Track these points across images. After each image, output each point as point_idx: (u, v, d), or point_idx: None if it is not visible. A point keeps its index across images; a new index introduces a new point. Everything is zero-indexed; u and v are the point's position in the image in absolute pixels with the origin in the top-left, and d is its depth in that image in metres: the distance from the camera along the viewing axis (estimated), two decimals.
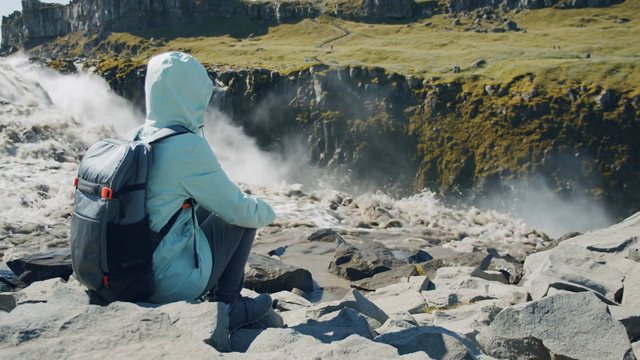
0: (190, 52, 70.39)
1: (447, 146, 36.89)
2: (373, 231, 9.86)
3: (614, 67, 35.62)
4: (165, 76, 2.06)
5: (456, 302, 3.40)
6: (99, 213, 1.87)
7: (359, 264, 5.39)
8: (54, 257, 4.43)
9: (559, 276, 3.01)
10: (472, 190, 33.84)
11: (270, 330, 1.77)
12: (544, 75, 36.37)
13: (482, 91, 37.74)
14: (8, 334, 1.32)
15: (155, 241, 2.00)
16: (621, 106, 32.83)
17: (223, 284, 2.33)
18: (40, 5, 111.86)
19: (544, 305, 2.02)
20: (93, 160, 1.99)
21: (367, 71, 42.33)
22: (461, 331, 2.30)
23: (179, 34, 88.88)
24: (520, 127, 34.61)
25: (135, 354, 1.32)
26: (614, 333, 1.87)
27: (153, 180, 1.97)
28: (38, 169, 13.43)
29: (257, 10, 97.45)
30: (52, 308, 1.50)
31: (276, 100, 43.13)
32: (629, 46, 45.94)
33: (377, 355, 1.45)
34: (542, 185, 31.93)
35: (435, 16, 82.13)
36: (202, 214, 2.36)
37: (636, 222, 4.56)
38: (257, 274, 4.50)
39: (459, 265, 5.02)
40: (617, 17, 66.90)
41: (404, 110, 39.62)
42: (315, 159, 39.75)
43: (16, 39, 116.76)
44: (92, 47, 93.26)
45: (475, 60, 43.94)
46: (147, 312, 1.54)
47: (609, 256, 3.56)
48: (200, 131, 2.21)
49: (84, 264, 1.95)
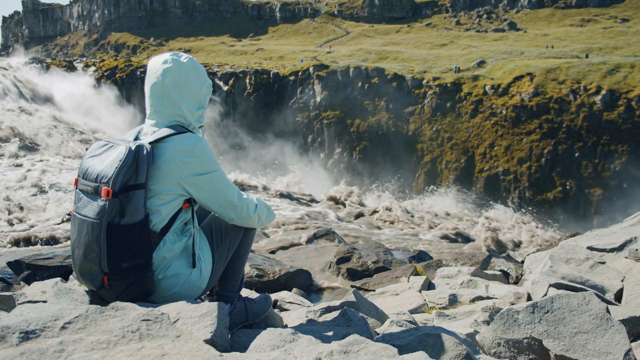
0: (190, 52, 70.40)
1: (447, 146, 36.87)
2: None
3: (614, 67, 35.60)
4: (165, 76, 2.06)
5: (456, 302, 3.40)
6: (99, 213, 1.87)
7: (359, 264, 5.39)
8: (54, 257, 4.43)
9: (559, 276, 3.01)
10: (472, 190, 33.81)
11: (270, 330, 1.76)
12: (544, 75, 36.35)
13: (482, 91, 37.72)
14: (8, 334, 1.31)
15: (155, 241, 2.00)
16: (621, 106, 32.81)
17: (223, 284, 2.33)
18: (40, 5, 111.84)
19: (544, 305, 2.02)
20: (93, 160, 1.98)
21: (367, 71, 42.30)
22: (461, 331, 2.30)
23: (179, 34, 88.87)
24: (520, 127, 34.59)
25: (135, 354, 1.32)
26: (613, 333, 1.87)
27: (153, 180, 1.97)
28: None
29: (257, 10, 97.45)
30: (52, 308, 1.50)
31: (276, 100, 43.11)
32: (629, 46, 45.92)
33: (377, 355, 1.45)
34: (542, 185, 31.90)
35: (436, 16, 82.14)
36: (202, 214, 2.36)
37: (636, 222, 4.56)
38: (257, 274, 4.50)
39: (459, 265, 5.02)
40: (617, 17, 66.91)
41: (404, 110, 39.61)
42: (315, 159, 39.72)
43: (16, 39, 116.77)
44: (92, 47, 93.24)
45: (475, 60, 43.92)
46: (147, 312, 1.54)
47: (609, 256, 3.56)
48: (200, 131, 2.21)
49: (84, 264, 1.95)
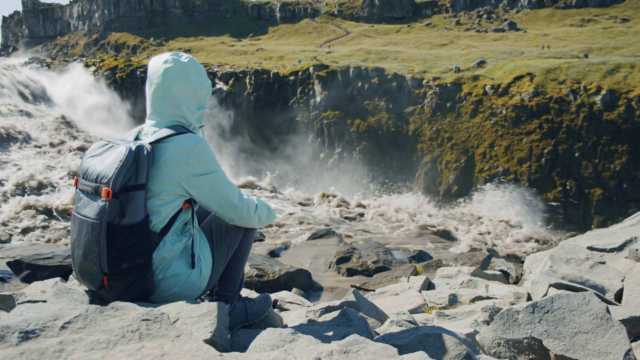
0: (190, 52, 70.35)
1: (447, 146, 36.86)
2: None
3: (614, 67, 35.60)
4: (166, 76, 2.06)
5: (456, 302, 3.40)
6: (99, 213, 1.87)
7: (359, 264, 5.39)
8: (54, 257, 4.43)
9: (559, 276, 3.00)
10: (472, 190, 33.81)
11: (270, 330, 1.76)
12: (544, 75, 36.35)
13: (482, 91, 37.71)
14: (8, 333, 1.31)
15: (155, 241, 1.99)
16: (621, 106, 32.80)
17: (223, 284, 2.33)
18: (40, 5, 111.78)
19: (544, 305, 2.02)
20: (93, 160, 1.98)
21: (367, 71, 42.30)
22: (461, 331, 2.30)
23: (179, 33, 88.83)
24: (520, 127, 34.58)
25: (135, 354, 1.32)
26: (614, 333, 1.87)
27: (153, 180, 1.96)
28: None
29: (257, 10, 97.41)
30: (52, 308, 1.50)
31: (276, 100, 43.10)
32: (629, 46, 45.91)
33: (377, 355, 1.45)
34: (542, 185, 31.90)
35: (436, 16, 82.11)
36: (202, 214, 2.36)
37: (636, 222, 4.56)
38: (257, 274, 4.50)
39: (459, 265, 5.02)
40: (617, 17, 66.88)
41: (404, 110, 39.61)
42: (315, 159, 39.70)
43: (16, 39, 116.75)
44: (92, 47, 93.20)
45: (475, 60, 43.91)
46: (147, 312, 1.54)
47: (609, 256, 3.56)
48: (200, 131, 2.21)
49: (83, 264, 1.94)
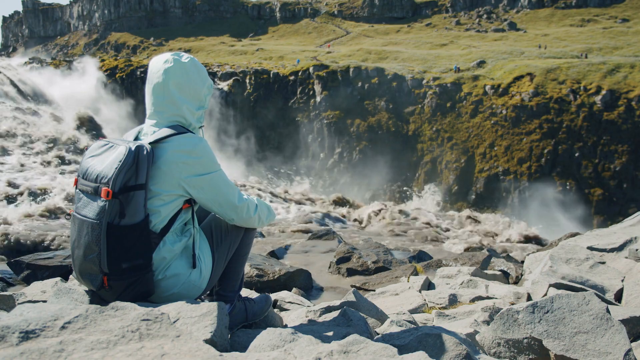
0: (190, 52, 70.35)
1: (447, 146, 36.87)
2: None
3: (614, 67, 35.62)
4: (166, 76, 2.06)
5: (456, 302, 3.40)
6: (98, 213, 1.87)
7: (359, 264, 5.38)
8: (54, 257, 4.43)
9: (559, 276, 3.00)
10: (472, 190, 33.82)
11: (270, 330, 1.76)
12: (544, 75, 36.36)
13: (482, 91, 37.73)
14: (8, 333, 1.31)
15: (155, 241, 1.99)
16: (621, 106, 32.82)
17: (223, 284, 2.32)
18: (40, 5, 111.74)
19: (544, 305, 2.02)
20: (93, 160, 1.98)
21: (367, 71, 42.31)
22: (461, 331, 2.30)
23: (179, 33, 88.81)
24: (520, 127, 34.60)
25: (135, 354, 1.32)
26: (613, 333, 1.87)
27: (153, 180, 1.96)
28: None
29: (257, 10, 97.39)
30: (52, 308, 1.50)
31: (276, 100, 43.11)
32: (629, 46, 45.93)
33: (377, 355, 1.45)
34: (542, 185, 31.92)
35: (436, 16, 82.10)
36: (202, 214, 2.35)
37: (636, 222, 4.55)
38: (257, 274, 4.50)
39: (459, 265, 5.02)
40: (617, 17, 66.87)
41: (404, 110, 39.61)
42: (315, 159, 39.70)
43: (16, 39, 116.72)
44: (92, 47, 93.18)
45: (475, 60, 43.92)
46: (147, 312, 1.54)
47: (609, 256, 3.56)
48: (200, 131, 2.21)
49: (83, 264, 1.94)
